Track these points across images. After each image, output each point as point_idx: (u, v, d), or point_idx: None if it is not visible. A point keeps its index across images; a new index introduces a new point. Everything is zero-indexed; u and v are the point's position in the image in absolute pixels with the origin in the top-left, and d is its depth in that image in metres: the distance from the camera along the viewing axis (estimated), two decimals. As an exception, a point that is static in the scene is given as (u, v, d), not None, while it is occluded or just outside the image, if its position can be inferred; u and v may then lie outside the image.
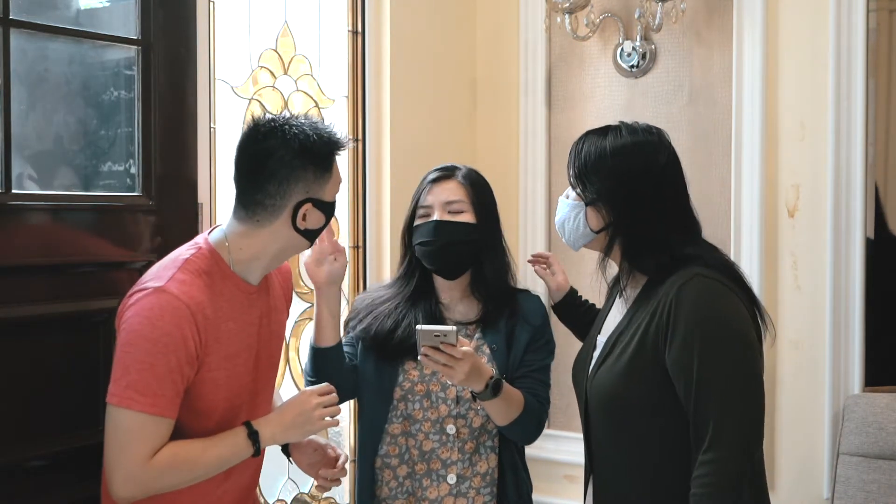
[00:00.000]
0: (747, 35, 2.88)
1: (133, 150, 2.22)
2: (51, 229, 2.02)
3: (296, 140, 1.77)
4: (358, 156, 3.04)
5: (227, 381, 1.80)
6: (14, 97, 1.95)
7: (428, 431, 2.06)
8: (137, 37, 2.19)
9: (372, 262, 3.04)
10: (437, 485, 2.06)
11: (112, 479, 1.70)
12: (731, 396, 1.70)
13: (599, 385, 1.86)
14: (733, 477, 1.68)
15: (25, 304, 1.96)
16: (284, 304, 2.01)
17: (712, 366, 1.71)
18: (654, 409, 1.79)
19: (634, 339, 1.81)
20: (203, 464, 1.75)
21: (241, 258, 1.82)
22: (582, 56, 3.22)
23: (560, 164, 3.26)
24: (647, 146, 1.88)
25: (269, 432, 1.81)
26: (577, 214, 1.90)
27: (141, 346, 1.69)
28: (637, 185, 1.84)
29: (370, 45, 3.03)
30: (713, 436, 1.69)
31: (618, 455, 1.86)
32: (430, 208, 2.10)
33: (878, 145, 2.84)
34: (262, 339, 1.89)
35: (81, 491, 2.00)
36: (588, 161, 1.87)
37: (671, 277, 1.79)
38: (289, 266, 2.08)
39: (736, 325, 1.75)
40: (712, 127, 2.98)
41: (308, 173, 1.79)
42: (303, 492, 2.93)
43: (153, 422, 1.69)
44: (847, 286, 2.79)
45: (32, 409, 1.97)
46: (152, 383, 1.68)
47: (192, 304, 1.72)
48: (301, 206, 1.79)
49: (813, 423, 2.82)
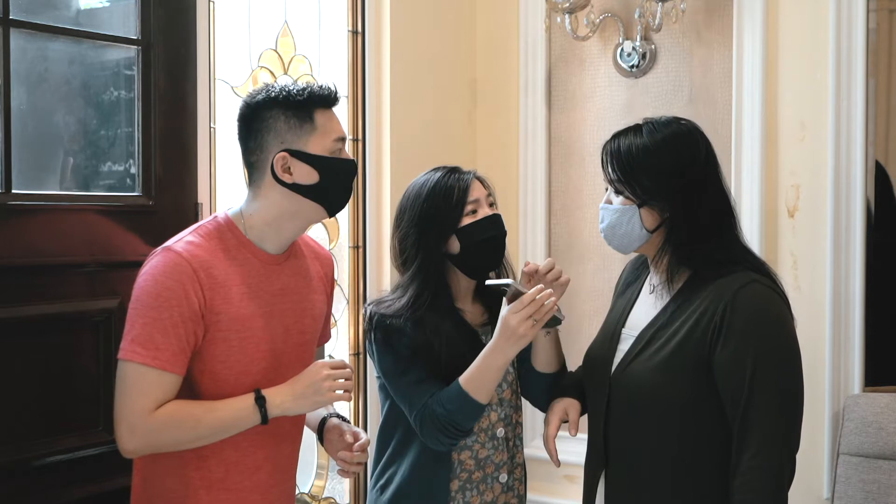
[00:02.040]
0: (747, 35, 2.88)
1: (133, 150, 2.22)
2: (51, 229, 2.02)
3: (272, 94, 1.83)
4: (358, 156, 3.04)
5: (240, 344, 1.82)
6: (14, 97, 1.96)
7: (483, 441, 2.06)
8: (137, 37, 2.20)
9: (372, 262, 3.04)
10: (492, 486, 2.07)
11: (118, 431, 1.76)
12: (783, 405, 1.75)
13: (633, 378, 1.85)
14: (783, 482, 1.75)
15: (25, 304, 1.97)
16: (322, 288, 2.03)
17: (770, 373, 1.74)
18: (691, 406, 1.80)
19: (679, 334, 1.81)
20: (207, 423, 1.77)
21: (252, 224, 1.86)
22: (582, 56, 3.22)
23: (560, 164, 3.26)
24: (686, 136, 1.88)
25: (279, 400, 1.81)
26: (630, 218, 1.85)
27: (144, 302, 1.75)
28: (688, 177, 1.84)
29: (370, 45, 3.03)
30: (763, 441, 1.72)
31: (642, 449, 1.85)
32: (479, 202, 2.05)
33: (878, 145, 2.84)
34: (286, 312, 1.90)
35: (82, 491, 2.01)
36: (632, 161, 1.85)
37: (723, 278, 1.80)
38: (330, 255, 2.11)
39: (792, 336, 1.79)
40: (712, 127, 2.97)
41: (279, 123, 1.83)
42: (302, 492, 2.93)
43: (155, 374, 1.73)
44: (847, 286, 2.79)
45: (32, 409, 1.97)
46: (155, 337, 1.73)
47: (195, 262, 1.77)
48: (276, 156, 1.82)
49: (813, 423, 2.81)
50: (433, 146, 3.17)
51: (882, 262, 2.84)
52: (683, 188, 1.84)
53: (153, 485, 1.84)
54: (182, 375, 1.77)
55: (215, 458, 1.83)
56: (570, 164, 3.24)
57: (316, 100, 1.84)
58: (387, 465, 2.09)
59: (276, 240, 1.89)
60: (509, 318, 1.87)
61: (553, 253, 3.27)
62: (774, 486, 1.73)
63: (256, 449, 1.87)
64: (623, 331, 1.94)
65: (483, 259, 2.06)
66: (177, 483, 1.83)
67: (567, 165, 3.25)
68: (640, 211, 1.85)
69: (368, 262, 3.04)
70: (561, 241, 3.27)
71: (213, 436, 1.79)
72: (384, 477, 2.08)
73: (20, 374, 1.95)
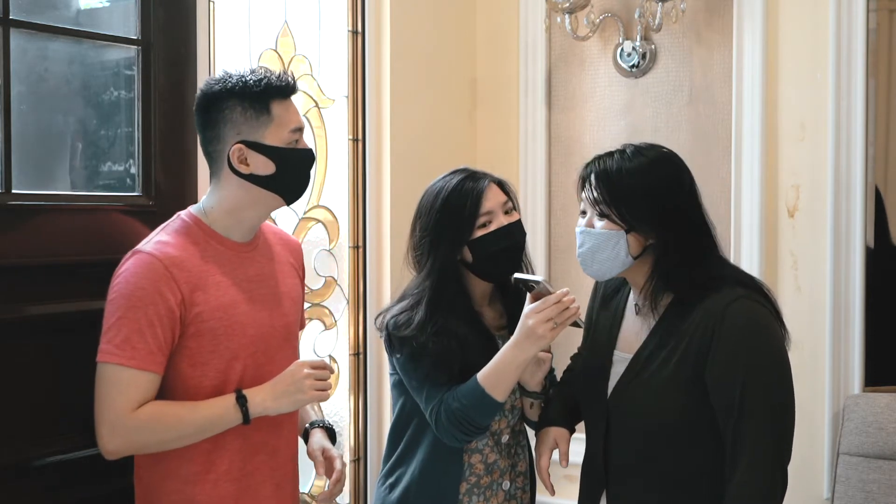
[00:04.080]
0: (747, 35, 2.88)
1: (133, 150, 2.22)
2: (51, 229, 2.02)
3: (229, 84, 1.84)
4: (358, 156, 3.04)
5: (226, 332, 1.83)
6: (14, 97, 1.95)
7: (493, 446, 2.06)
8: (137, 37, 2.20)
9: (372, 262, 3.04)
10: (496, 493, 2.06)
11: (98, 432, 1.78)
12: (774, 417, 1.75)
13: (631, 400, 1.86)
14: (776, 494, 1.75)
15: (25, 304, 1.97)
16: (295, 272, 2.05)
17: (760, 387, 1.75)
18: (690, 425, 1.80)
19: (675, 355, 1.80)
20: (189, 422, 1.79)
21: (215, 217, 1.89)
22: (582, 56, 3.22)
23: (560, 164, 3.26)
24: (668, 162, 1.88)
25: (259, 399, 1.83)
26: (616, 243, 1.82)
27: (118, 304, 1.78)
28: (674, 202, 1.83)
29: (370, 45, 3.02)
30: (755, 454, 1.73)
31: (643, 470, 1.85)
32: (493, 214, 2.01)
33: (878, 145, 2.84)
34: (266, 297, 1.92)
35: (81, 491, 2.01)
36: (619, 185, 1.81)
37: (710, 297, 1.79)
38: (298, 243, 2.13)
39: (780, 348, 1.80)
40: (712, 127, 2.98)
41: (235, 114, 1.84)
42: (302, 492, 2.93)
43: (132, 375, 1.75)
44: (847, 286, 2.78)
45: (32, 409, 1.97)
46: (131, 337, 1.75)
47: (167, 260, 1.79)
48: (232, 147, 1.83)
49: (813, 423, 2.82)
50: (433, 146, 3.17)
51: (882, 262, 2.84)
52: (670, 212, 1.82)
53: (156, 488, 1.85)
54: (160, 374, 1.78)
55: (215, 450, 1.84)
56: (570, 164, 3.24)
57: (272, 91, 1.85)
58: (396, 465, 2.08)
59: (239, 228, 1.91)
60: (530, 316, 1.86)
61: (553, 253, 3.27)
62: (767, 498, 1.74)
63: (254, 432, 1.87)
64: (615, 353, 1.93)
65: (496, 268, 2.04)
66: (180, 483, 1.83)
67: (567, 165, 3.25)
68: (628, 236, 1.82)
69: (368, 262, 3.04)
70: (561, 241, 3.27)
71: (195, 435, 1.80)
72: (393, 475, 2.08)
73: (20, 374, 1.95)
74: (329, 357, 2.99)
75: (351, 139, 3.03)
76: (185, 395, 1.82)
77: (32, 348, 1.98)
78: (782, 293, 2.87)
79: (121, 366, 1.74)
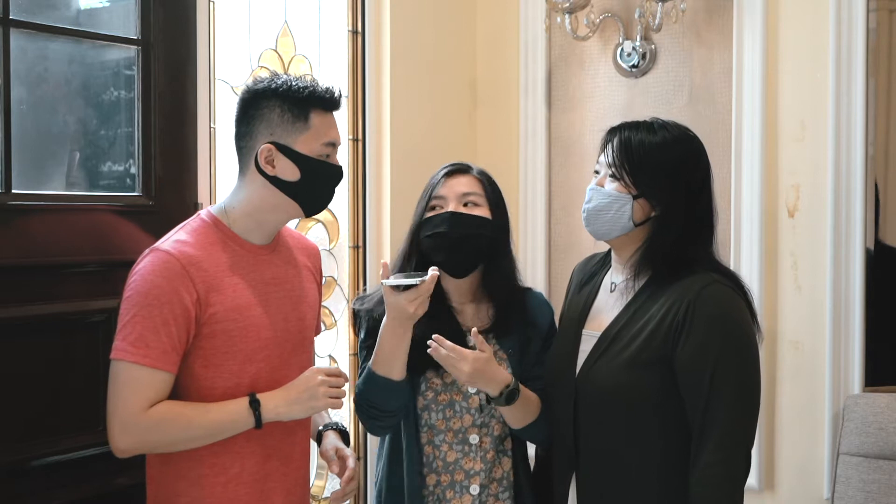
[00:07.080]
0: (747, 35, 2.88)
1: (133, 150, 2.22)
2: (51, 229, 2.02)
3: (274, 84, 1.84)
4: (358, 156, 3.04)
5: (241, 333, 1.82)
6: (14, 97, 1.96)
7: (451, 442, 2.02)
8: (137, 37, 2.20)
9: (372, 262, 3.04)
10: (461, 496, 2.02)
11: (110, 430, 1.76)
12: (742, 401, 1.79)
13: (598, 378, 1.87)
14: (740, 475, 1.80)
15: (25, 304, 1.97)
16: (313, 278, 2.04)
17: (730, 371, 1.78)
18: (654, 404, 1.83)
19: (643, 333, 1.83)
20: (200, 425, 1.78)
21: (235, 217, 1.88)
22: (582, 56, 3.22)
23: (560, 164, 3.26)
24: (694, 143, 1.92)
25: (272, 404, 1.82)
26: (621, 206, 1.87)
27: (134, 301, 1.76)
28: (689, 181, 1.87)
29: (370, 45, 3.03)
30: (723, 436, 1.76)
31: (609, 450, 1.87)
32: (444, 199, 2.03)
33: (878, 145, 2.84)
34: (283, 301, 1.91)
35: (82, 491, 2.01)
36: (643, 154, 1.87)
37: (686, 278, 1.83)
38: (316, 248, 2.11)
39: (750, 334, 1.83)
40: (712, 127, 2.98)
41: (273, 114, 1.83)
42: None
43: (146, 373, 1.73)
44: (847, 286, 2.79)
45: (32, 409, 1.97)
46: (145, 336, 1.73)
47: (184, 259, 1.78)
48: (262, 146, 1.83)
49: (813, 423, 2.82)
50: (433, 146, 3.17)
51: (882, 262, 2.84)
52: (681, 191, 1.86)
53: (168, 488, 1.84)
54: (174, 374, 1.77)
55: (228, 453, 1.83)
56: (570, 164, 3.24)
57: (315, 100, 1.85)
58: (377, 462, 2.12)
59: (259, 231, 1.90)
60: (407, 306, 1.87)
61: (553, 253, 3.27)
62: (733, 479, 1.78)
63: (267, 437, 1.87)
64: (584, 332, 1.95)
65: (440, 255, 2.01)
66: (191, 485, 1.83)
67: (567, 165, 3.25)
68: (634, 202, 1.87)
69: (368, 262, 3.04)
70: (561, 241, 3.27)
71: (207, 437, 1.79)
72: (376, 473, 2.13)
73: (20, 374, 1.95)
74: (329, 357, 2.99)
75: (351, 139, 3.03)
76: (198, 396, 1.81)
77: (32, 348, 1.98)
78: (782, 293, 2.88)
79: (134, 364, 1.73)
